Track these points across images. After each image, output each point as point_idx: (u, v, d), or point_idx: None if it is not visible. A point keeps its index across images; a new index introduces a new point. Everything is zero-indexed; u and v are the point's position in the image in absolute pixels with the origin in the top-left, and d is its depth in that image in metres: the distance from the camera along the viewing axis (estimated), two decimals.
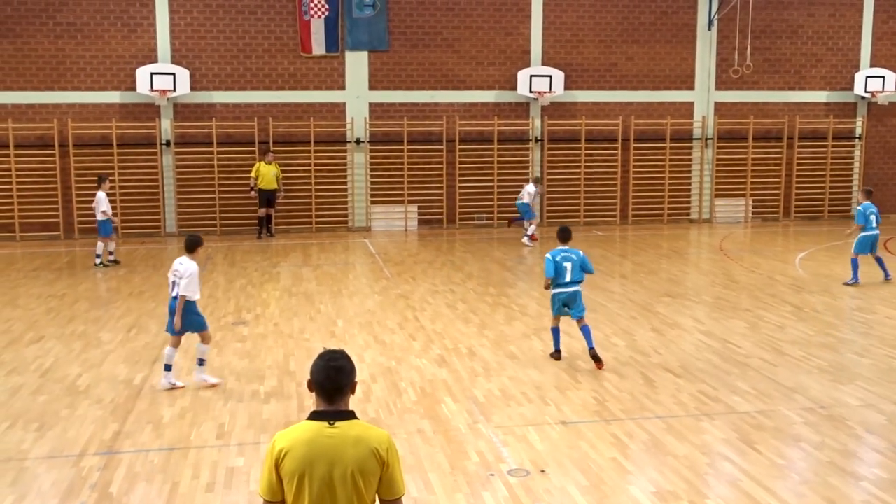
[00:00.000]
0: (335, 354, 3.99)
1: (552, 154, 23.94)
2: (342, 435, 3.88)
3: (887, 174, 25.79)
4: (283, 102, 22.62)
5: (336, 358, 3.96)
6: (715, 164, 24.81)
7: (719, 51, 24.42)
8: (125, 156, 21.91)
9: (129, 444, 8.12)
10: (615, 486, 7.14)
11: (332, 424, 3.90)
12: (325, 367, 3.93)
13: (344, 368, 3.95)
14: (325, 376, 3.92)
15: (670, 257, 18.97)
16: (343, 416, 3.94)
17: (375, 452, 3.88)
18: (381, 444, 3.91)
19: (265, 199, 21.75)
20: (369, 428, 3.97)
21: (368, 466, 3.86)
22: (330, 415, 3.93)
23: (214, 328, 12.57)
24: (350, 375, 3.97)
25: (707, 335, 12.02)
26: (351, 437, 3.88)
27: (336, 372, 3.93)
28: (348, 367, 3.97)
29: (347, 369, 3.96)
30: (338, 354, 3.99)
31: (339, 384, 3.93)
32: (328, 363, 3.94)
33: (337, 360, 3.95)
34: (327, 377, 3.91)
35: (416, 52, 23.06)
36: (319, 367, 3.94)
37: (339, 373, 3.93)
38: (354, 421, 3.95)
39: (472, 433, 8.34)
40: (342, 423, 3.91)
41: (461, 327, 12.57)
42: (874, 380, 9.96)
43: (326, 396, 3.93)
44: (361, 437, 3.90)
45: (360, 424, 3.96)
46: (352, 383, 3.99)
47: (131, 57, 21.77)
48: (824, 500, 6.84)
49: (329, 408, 3.94)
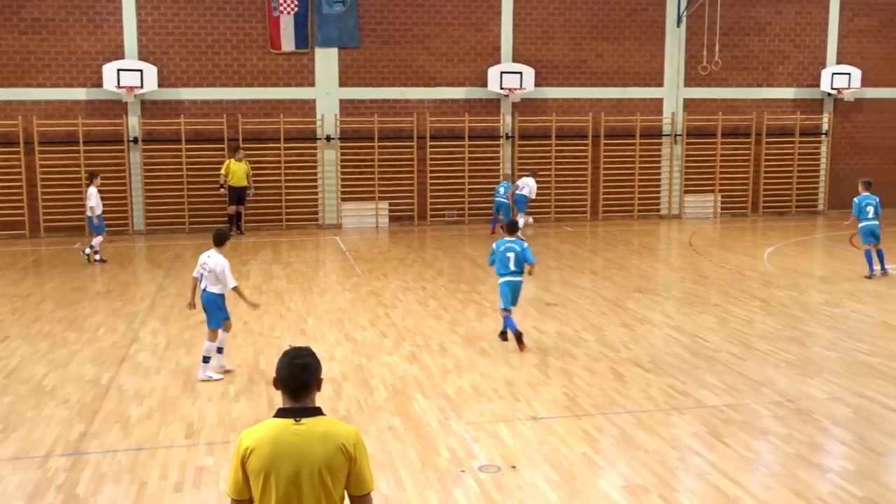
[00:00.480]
0: (300, 352, 3.97)
1: (523, 151, 23.98)
2: (308, 432, 3.86)
3: (853, 170, 26.06)
4: (253, 99, 22.46)
5: (301, 355, 3.95)
6: (684, 161, 24.98)
7: (688, 48, 24.58)
8: (92, 153, 21.65)
9: (96, 445, 8.03)
10: (585, 480, 7.16)
11: (298, 421, 3.88)
12: (290, 364, 3.91)
13: (309, 365, 3.93)
14: (290, 374, 3.90)
15: (640, 253, 19.08)
16: (309, 412, 3.91)
17: (343, 448, 3.86)
18: (349, 439, 3.89)
19: (235, 196, 21.61)
20: (336, 424, 3.94)
21: (335, 462, 3.84)
22: (296, 412, 3.91)
23: (182, 327, 12.48)
24: (315, 372, 3.95)
25: (676, 330, 12.10)
26: (317, 434, 3.86)
27: (301, 369, 3.91)
28: (313, 364, 3.95)
29: (313, 366, 3.94)
30: (303, 352, 3.97)
31: (305, 381, 3.91)
32: (293, 360, 3.92)
33: (302, 357, 3.94)
34: (292, 374, 3.90)
35: (386, 48, 22.99)
36: (284, 365, 3.92)
37: (303, 370, 3.91)
38: (321, 417, 3.93)
39: (443, 430, 8.33)
40: (308, 420, 3.89)
41: (432, 324, 12.56)
42: (840, 373, 10.07)
43: (292, 394, 3.92)
44: (328, 433, 3.87)
45: (327, 420, 3.94)
46: (317, 380, 3.97)
47: (97, 53, 21.52)
48: (791, 492, 6.90)
49: (295, 405, 3.92)
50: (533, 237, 21.24)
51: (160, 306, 13.87)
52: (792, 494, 6.86)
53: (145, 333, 12.16)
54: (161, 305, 13.93)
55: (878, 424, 8.41)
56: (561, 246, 20.05)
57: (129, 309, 13.76)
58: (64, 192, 21.60)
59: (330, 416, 4.01)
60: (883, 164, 26.26)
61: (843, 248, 19.08)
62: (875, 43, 25.77)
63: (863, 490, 6.92)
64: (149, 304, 14.08)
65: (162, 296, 14.66)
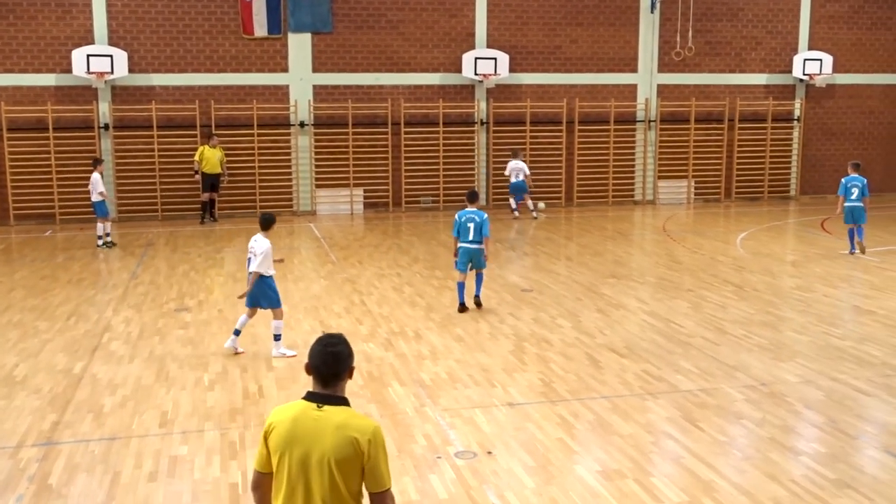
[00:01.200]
0: (333, 339, 3.99)
1: (497, 137, 23.96)
2: (326, 419, 3.86)
3: (825, 155, 26.32)
4: (226, 85, 22.26)
5: (334, 343, 3.97)
6: (658, 146, 25.08)
7: (662, 33, 24.64)
8: (62, 140, 21.37)
9: (69, 435, 7.95)
10: (561, 466, 7.19)
11: (319, 407, 3.90)
12: (322, 352, 3.94)
13: (341, 354, 3.95)
14: (322, 361, 3.93)
15: (615, 239, 19.15)
16: (333, 400, 3.93)
17: (354, 442, 3.82)
18: (363, 434, 3.85)
19: (209, 183, 21.43)
20: (355, 416, 3.92)
21: (345, 454, 3.82)
22: (320, 397, 3.93)
23: (155, 315, 12.38)
24: (346, 361, 3.97)
25: (651, 315, 12.16)
26: (333, 423, 3.86)
27: (332, 357, 3.94)
28: (345, 353, 3.97)
29: (344, 355, 3.96)
30: (336, 339, 3.99)
31: (335, 370, 3.94)
32: (325, 348, 3.95)
33: (334, 345, 3.96)
34: (324, 362, 3.92)
35: (360, 33, 22.85)
36: (317, 352, 3.95)
37: (335, 358, 3.94)
38: (344, 407, 3.93)
39: (419, 416, 8.33)
40: (330, 408, 3.90)
41: (408, 311, 12.54)
42: (812, 357, 10.17)
43: (322, 380, 3.94)
44: (344, 424, 3.86)
45: (348, 412, 3.93)
46: (348, 369, 3.99)
47: (66, 38, 21.21)
48: (765, 475, 6.97)
49: (322, 391, 3.95)
50: (509, 223, 21.27)
51: (133, 294, 13.74)
52: (765, 477, 6.92)
53: (118, 322, 12.05)
54: (134, 293, 13.81)
55: (850, 407, 8.50)
56: (536, 232, 20.09)
57: (102, 297, 13.63)
58: (34, 180, 21.33)
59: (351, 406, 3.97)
60: (854, 149, 26.49)
61: (815, 233, 19.25)
62: (846, 29, 25.95)
63: (834, 472, 7.00)
64: (121, 292, 13.95)
65: (135, 284, 14.53)
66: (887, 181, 26.96)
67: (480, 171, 23.94)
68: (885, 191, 26.87)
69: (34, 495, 6.75)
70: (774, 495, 6.61)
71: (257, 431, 7.94)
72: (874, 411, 8.45)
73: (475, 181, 23.65)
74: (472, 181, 23.46)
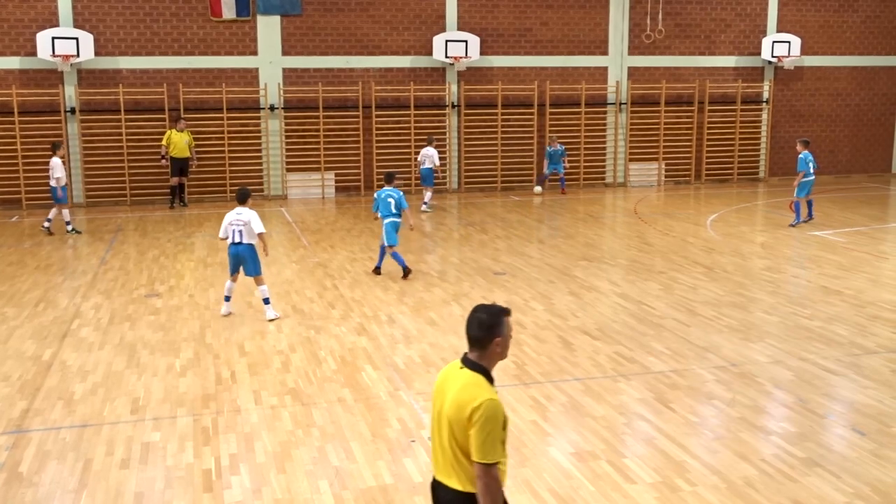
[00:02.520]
0: (482, 307, 4.17)
1: (469, 119, 23.92)
2: (457, 380, 4.11)
3: (793, 137, 26.47)
4: (194, 68, 22.01)
5: (479, 310, 4.16)
6: (629, 129, 25.16)
7: (632, 16, 24.67)
8: (27, 124, 21.05)
9: (39, 422, 7.87)
10: (535, 448, 7.23)
11: (460, 368, 4.15)
12: (470, 316, 4.18)
13: (479, 320, 4.12)
14: (468, 323, 4.16)
15: (586, 221, 19.22)
16: (471, 365, 4.13)
17: (463, 407, 4.01)
18: (472, 403, 4.00)
19: (177, 167, 21.22)
20: (475, 385, 4.06)
21: (456, 417, 4.04)
22: (465, 359, 4.17)
23: (126, 301, 12.27)
24: (482, 329, 4.11)
25: (623, 297, 12.24)
26: (458, 384, 4.08)
27: (474, 322, 4.13)
28: (486, 322, 4.11)
29: (485, 323, 4.11)
30: (484, 308, 4.17)
31: (473, 334, 4.12)
32: (473, 313, 4.17)
33: (478, 312, 4.14)
34: (469, 324, 4.16)
35: (329, 16, 22.67)
36: (468, 318, 4.17)
37: (475, 323, 4.12)
38: (473, 373, 4.10)
39: (392, 400, 8.34)
40: (465, 371, 4.12)
41: (380, 295, 12.52)
42: (782, 337, 10.29)
43: (469, 343, 4.17)
44: (463, 389, 4.06)
45: (474, 378, 4.09)
46: (488, 337, 4.09)
47: (31, 21, 20.85)
48: (736, 454, 7.05)
49: (469, 354, 4.16)
50: (481, 206, 21.28)
51: (102, 280, 13.60)
52: (736, 457, 7.01)
53: (87, 308, 11.93)
54: (103, 279, 13.67)
55: (818, 387, 8.62)
56: (508, 215, 20.11)
57: (70, 283, 13.48)
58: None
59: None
60: (822, 130, 26.77)
61: (784, 214, 19.44)
62: (814, 12, 26.14)
63: (804, 451, 7.10)
64: (91, 278, 13.80)
65: (104, 269, 14.38)
66: (854, 162, 27.29)
67: (452, 153, 23.89)
68: (852, 172, 27.21)
69: (5, 483, 6.68)
70: (745, 474, 6.70)
71: (230, 417, 7.92)
72: (842, 390, 8.58)
73: (446, 164, 23.61)
74: (443, 164, 23.41)
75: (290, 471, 6.84)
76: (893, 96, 27.25)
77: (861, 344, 10.02)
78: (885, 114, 27.30)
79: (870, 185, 25.39)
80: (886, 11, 26.65)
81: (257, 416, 7.94)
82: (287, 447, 7.27)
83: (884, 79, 27.06)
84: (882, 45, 26.82)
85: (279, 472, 6.81)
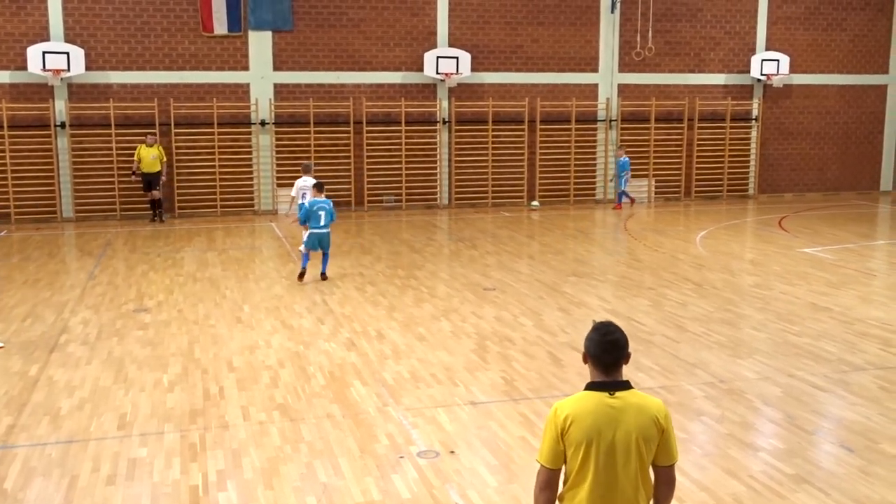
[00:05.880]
0: (610, 328, 4.11)
1: (460, 136, 23.99)
2: (624, 404, 4.01)
3: (782, 154, 26.71)
4: (185, 83, 22.03)
5: (611, 332, 4.08)
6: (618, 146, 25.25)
7: (622, 33, 24.82)
8: (17, 138, 21.01)
9: (25, 438, 7.81)
10: (524, 464, 7.21)
11: (612, 395, 4.03)
12: (602, 341, 4.06)
13: (619, 341, 4.07)
14: (603, 350, 4.06)
15: (576, 237, 19.26)
16: (621, 386, 4.06)
17: (655, 421, 4.00)
18: (660, 412, 4.03)
19: (147, 182, 21.15)
20: (646, 397, 4.09)
21: (650, 434, 3.99)
22: (609, 385, 4.05)
23: (114, 316, 12.22)
24: (624, 348, 4.09)
25: (612, 313, 12.24)
26: (633, 406, 4.01)
27: (612, 345, 4.05)
28: (623, 340, 4.08)
29: (622, 342, 4.08)
30: (612, 328, 4.11)
31: (616, 356, 4.06)
32: (604, 337, 4.07)
33: (612, 333, 4.08)
34: (604, 351, 4.05)
35: (321, 32, 22.74)
36: (595, 342, 4.07)
37: (615, 346, 4.06)
38: (632, 390, 4.08)
39: (381, 416, 8.30)
40: (622, 393, 4.04)
41: (370, 310, 12.50)
42: (770, 353, 10.30)
43: (603, 368, 4.07)
44: (642, 405, 4.02)
45: (637, 394, 4.08)
46: (626, 355, 4.10)
47: (21, 35, 20.86)
48: (724, 471, 7.04)
49: (606, 379, 4.07)
50: (472, 222, 21.30)
51: (91, 295, 13.55)
52: (725, 473, 7.00)
53: (75, 323, 11.87)
54: (92, 294, 13.61)
55: (807, 403, 8.63)
56: (498, 231, 20.14)
57: (59, 298, 13.41)
58: None
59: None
60: (810, 148, 26.94)
61: (773, 231, 19.52)
62: (802, 30, 26.35)
63: (792, 467, 7.10)
64: (79, 292, 13.74)
65: (93, 284, 14.33)
66: (842, 180, 27.45)
67: (442, 170, 23.94)
68: (840, 189, 27.36)
69: None
70: (734, 491, 6.69)
71: (218, 433, 7.87)
72: (830, 407, 8.59)
73: (437, 180, 23.66)
74: (434, 180, 23.47)
75: (278, 487, 6.80)
76: (881, 114, 27.45)
77: (849, 360, 10.04)
78: (872, 132, 27.49)
79: (858, 203, 25.54)
80: (874, 31, 26.88)
81: (245, 432, 7.90)
82: (275, 463, 7.23)
83: (871, 97, 27.27)
84: (870, 64, 27.04)
85: (266, 489, 6.77)
